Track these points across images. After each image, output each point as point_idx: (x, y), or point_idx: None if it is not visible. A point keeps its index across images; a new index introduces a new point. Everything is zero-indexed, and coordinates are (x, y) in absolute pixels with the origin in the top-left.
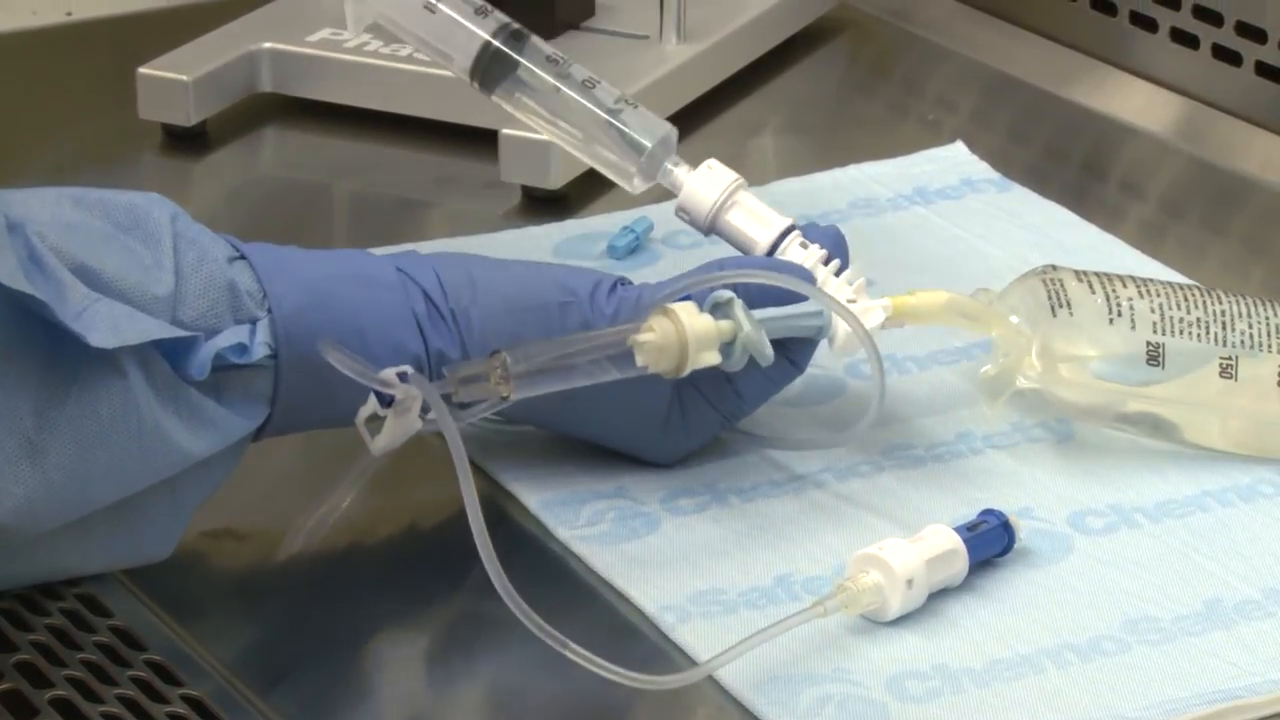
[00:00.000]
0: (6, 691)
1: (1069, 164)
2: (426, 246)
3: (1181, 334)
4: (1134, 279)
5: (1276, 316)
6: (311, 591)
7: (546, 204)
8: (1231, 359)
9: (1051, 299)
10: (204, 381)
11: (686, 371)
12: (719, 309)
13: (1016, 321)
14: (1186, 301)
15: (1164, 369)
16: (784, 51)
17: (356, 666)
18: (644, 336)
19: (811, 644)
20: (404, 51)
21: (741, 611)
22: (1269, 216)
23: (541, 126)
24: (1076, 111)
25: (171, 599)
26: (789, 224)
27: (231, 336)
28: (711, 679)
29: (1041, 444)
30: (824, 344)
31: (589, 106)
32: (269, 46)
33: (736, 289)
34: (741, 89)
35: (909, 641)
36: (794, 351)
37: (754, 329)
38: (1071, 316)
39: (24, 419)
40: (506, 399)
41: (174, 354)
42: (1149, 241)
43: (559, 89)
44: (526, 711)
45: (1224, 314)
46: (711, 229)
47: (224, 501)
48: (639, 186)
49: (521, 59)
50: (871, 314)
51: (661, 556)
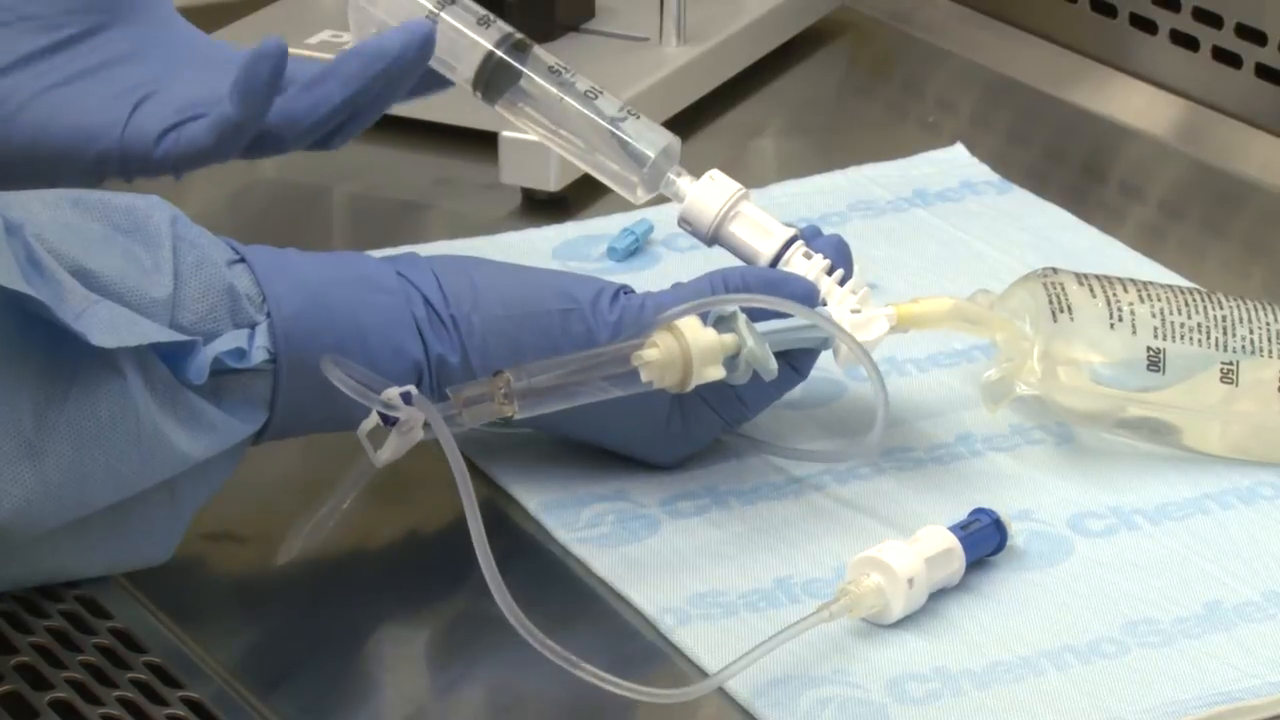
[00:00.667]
0: (6, 693)
1: (1069, 166)
2: (426, 249)
3: (1182, 339)
4: (1135, 283)
5: (1277, 321)
6: (311, 594)
7: (546, 206)
8: (1233, 364)
9: (1053, 303)
10: (203, 385)
11: (691, 387)
12: (722, 322)
13: (1020, 325)
14: (1187, 306)
15: (1165, 374)
16: (784, 54)
17: (356, 668)
18: (648, 353)
19: (811, 646)
20: None
21: (741, 614)
22: (1269, 218)
23: (544, 137)
24: (1076, 113)
25: (171, 601)
26: (792, 234)
27: (230, 341)
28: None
29: (1041, 446)
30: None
31: (591, 117)
32: None
33: (738, 295)
34: (742, 91)
35: (909, 643)
36: (797, 359)
37: (757, 344)
38: (1072, 321)
39: (23, 421)
40: (510, 419)
41: (172, 358)
42: (1149, 243)
43: (561, 99)
44: (527, 713)
45: (1225, 319)
46: (714, 239)
47: (224, 504)
48: (642, 197)
49: (524, 69)
50: (876, 323)
51: (661, 559)
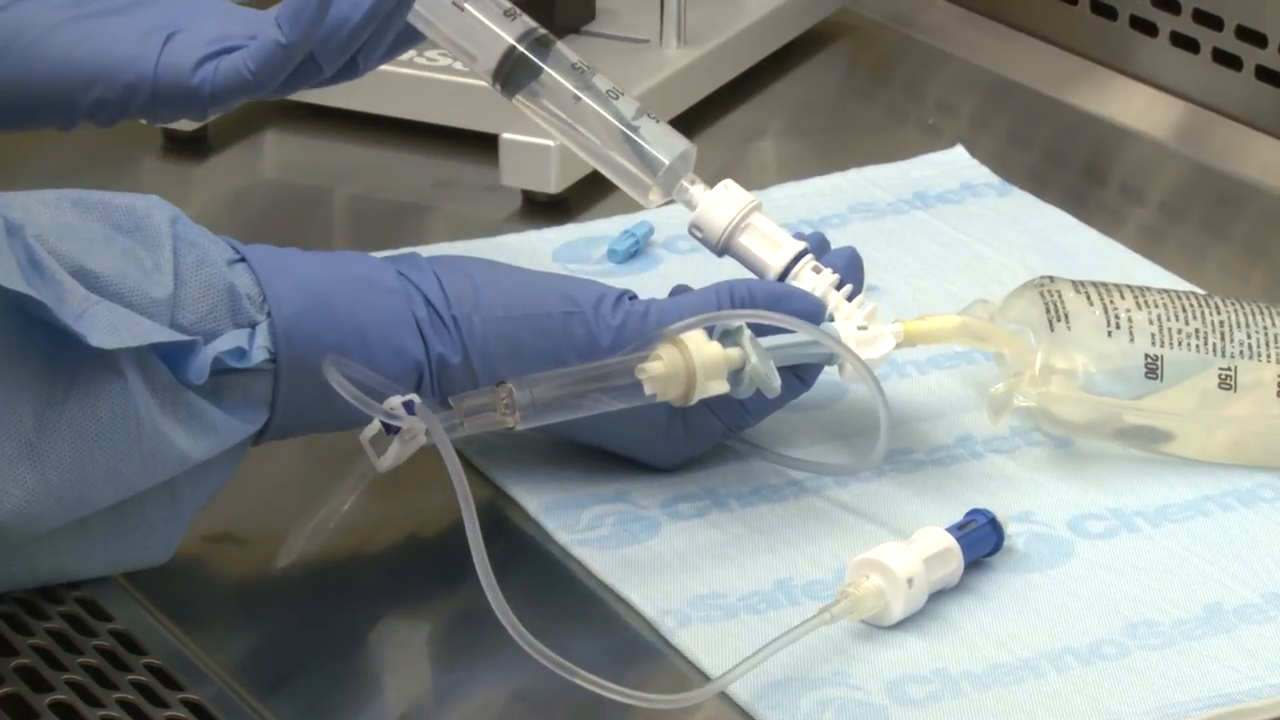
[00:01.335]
0: (7, 696)
1: (1069, 168)
2: (427, 251)
3: (1180, 345)
4: (1131, 288)
5: (1274, 325)
6: (312, 596)
7: (546, 208)
8: (1230, 369)
9: (1050, 312)
10: (203, 385)
11: (694, 400)
12: (727, 336)
13: (1025, 338)
14: (1184, 312)
15: (1162, 380)
16: (784, 56)
17: (357, 670)
18: (652, 366)
19: (811, 648)
20: (405, 55)
21: (742, 616)
22: (1269, 220)
23: (560, 134)
24: (1076, 115)
25: (172, 603)
26: (802, 248)
27: (230, 341)
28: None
29: (1042, 448)
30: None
31: (608, 118)
32: None
33: (744, 308)
34: (742, 93)
35: (909, 645)
36: (803, 370)
37: (761, 361)
38: (1069, 330)
39: (24, 421)
40: (513, 429)
41: (173, 358)
42: (1149, 245)
43: (579, 98)
44: (527, 715)
45: (1222, 324)
46: (725, 250)
47: (225, 506)
48: (654, 201)
49: (545, 66)
50: (882, 340)
51: (661, 561)
